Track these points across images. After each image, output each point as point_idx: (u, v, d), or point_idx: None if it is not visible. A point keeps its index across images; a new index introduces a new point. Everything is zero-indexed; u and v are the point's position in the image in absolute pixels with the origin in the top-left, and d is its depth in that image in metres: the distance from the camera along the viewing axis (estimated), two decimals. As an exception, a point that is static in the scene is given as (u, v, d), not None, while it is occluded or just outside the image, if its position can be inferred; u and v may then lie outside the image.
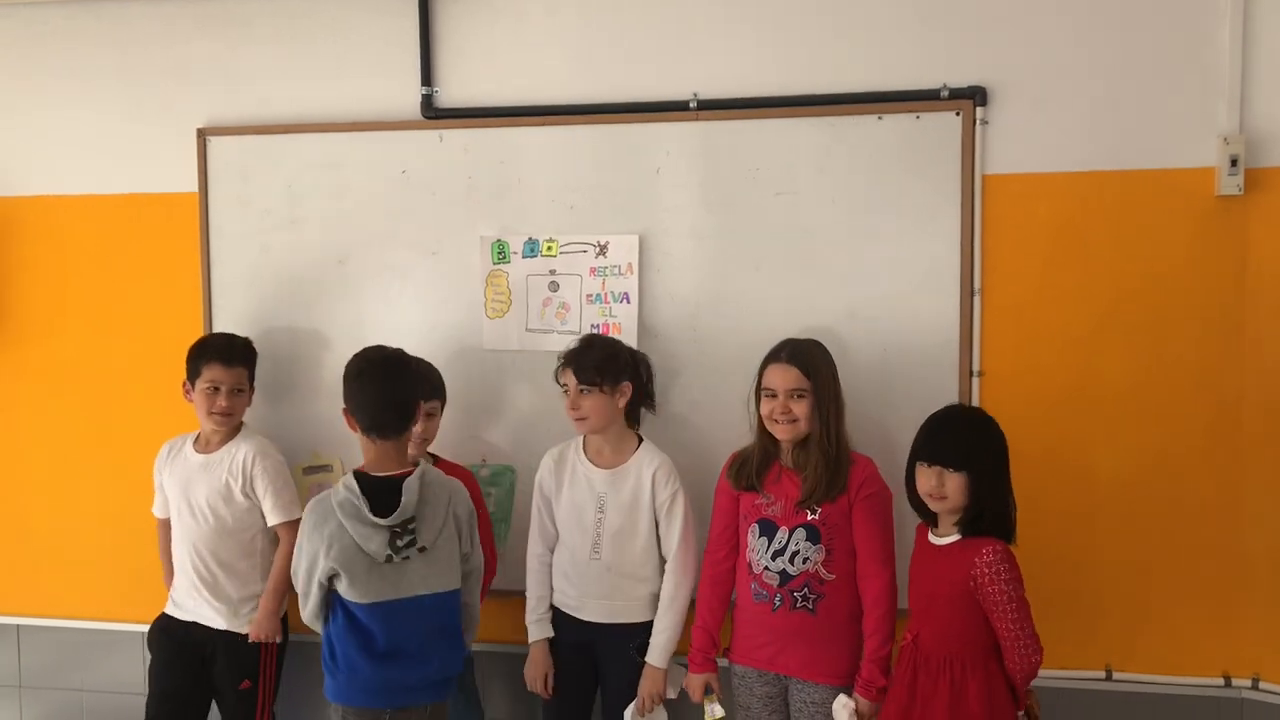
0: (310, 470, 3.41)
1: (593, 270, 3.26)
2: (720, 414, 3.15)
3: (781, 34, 3.18)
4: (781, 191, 3.16)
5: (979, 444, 2.57)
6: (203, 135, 3.47)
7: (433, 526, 2.63)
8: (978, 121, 3.06)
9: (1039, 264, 3.08)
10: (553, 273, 3.29)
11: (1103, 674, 3.11)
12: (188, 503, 3.19)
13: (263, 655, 3.21)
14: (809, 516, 2.76)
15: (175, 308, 3.52)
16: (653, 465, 2.98)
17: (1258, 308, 3.00)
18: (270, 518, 3.19)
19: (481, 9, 3.33)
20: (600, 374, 2.92)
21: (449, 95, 3.36)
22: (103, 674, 3.72)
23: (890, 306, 3.12)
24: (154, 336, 3.45)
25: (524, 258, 3.31)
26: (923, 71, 3.10)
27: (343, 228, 3.41)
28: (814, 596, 2.76)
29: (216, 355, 3.17)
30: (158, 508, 3.32)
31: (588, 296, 3.27)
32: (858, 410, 2.90)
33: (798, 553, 2.77)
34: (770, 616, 2.81)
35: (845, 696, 2.73)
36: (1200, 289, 3.01)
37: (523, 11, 3.32)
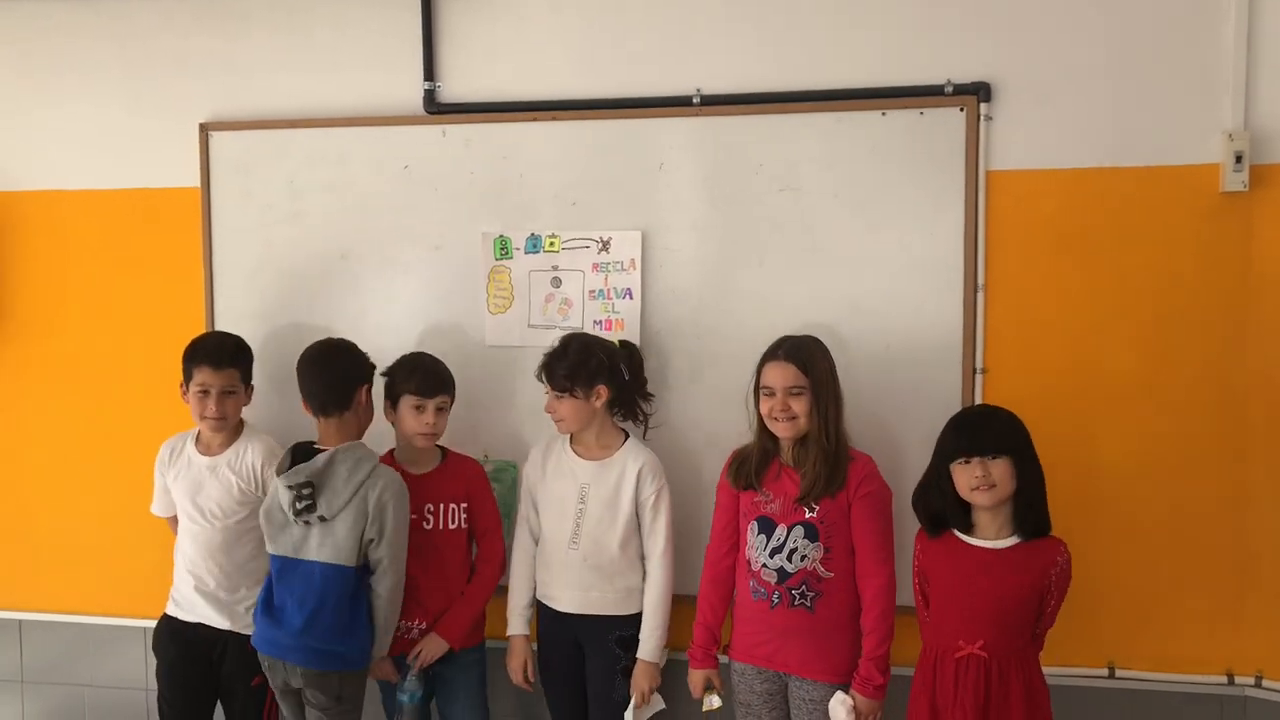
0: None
1: (595, 266, 3.26)
2: (723, 410, 3.14)
3: (784, 29, 3.17)
4: (784, 187, 3.15)
5: (1012, 430, 2.60)
6: (205, 130, 3.46)
7: (334, 500, 2.85)
8: (982, 117, 3.05)
9: (1043, 261, 3.07)
10: (555, 268, 3.29)
11: (1105, 671, 3.11)
12: (197, 507, 3.17)
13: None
14: (807, 514, 2.76)
15: (177, 303, 3.51)
16: (638, 462, 2.99)
17: (1262, 304, 2.99)
18: None
19: (484, 3, 3.33)
20: (571, 380, 2.94)
21: (451, 90, 3.35)
22: (105, 669, 3.72)
23: (893, 303, 3.11)
24: (156, 332, 3.45)
25: (526, 253, 3.30)
26: (926, 67, 3.09)
27: (345, 223, 3.40)
28: (812, 594, 2.76)
29: (205, 358, 3.13)
30: (158, 507, 3.30)
31: (590, 292, 3.26)
32: (859, 407, 2.90)
33: (795, 550, 2.76)
34: (769, 614, 2.81)
35: (843, 694, 2.73)
36: (1205, 286, 3.01)
37: (525, 6, 3.31)
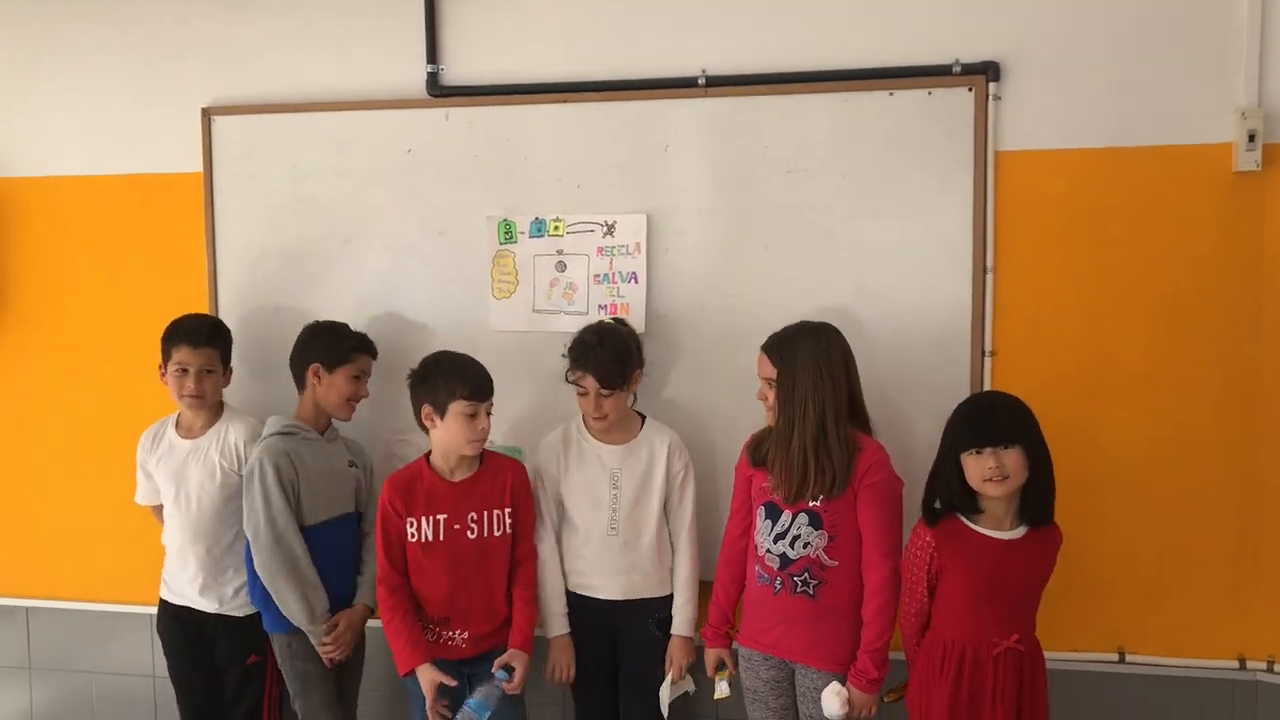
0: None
1: (600, 250, 3.23)
2: (728, 394, 3.13)
3: (791, 9, 3.13)
4: (791, 169, 3.12)
5: (1022, 418, 2.56)
6: (207, 115, 3.44)
7: None
8: (990, 97, 3.02)
9: (1052, 242, 3.03)
10: (560, 252, 3.26)
11: (1115, 656, 3.09)
12: (182, 490, 3.17)
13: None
14: (811, 502, 2.73)
15: (181, 288, 3.49)
16: (665, 439, 3.00)
17: (1275, 285, 2.95)
18: None
19: (486, -15, 3.31)
20: (623, 376, 2.91)
21: (454, 73, 3.32)
22: (110, 656, 3.72)
23: (901, 285, 3.08)
24: (159, 318, 3.39)
25: (531, 237, 3.27)
26: (935, 46, 3.05)
27: (348, 207, 3.38)
28: (814, 582, 2.73)
29: (184, 337, 3.14)
30: (141, 496, 3.30)
31: (595, 276, 3.24)
32: (867, 390, 2.84)
33: (799, 537, 2.73)
34: (772, 599, 2.79)
35: (838, 684, 2.70)
36: (1217, 267, 2.97)
37: (529, -13, 3.28)
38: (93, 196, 3.57)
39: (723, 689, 2.95)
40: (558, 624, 3.03)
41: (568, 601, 3.05)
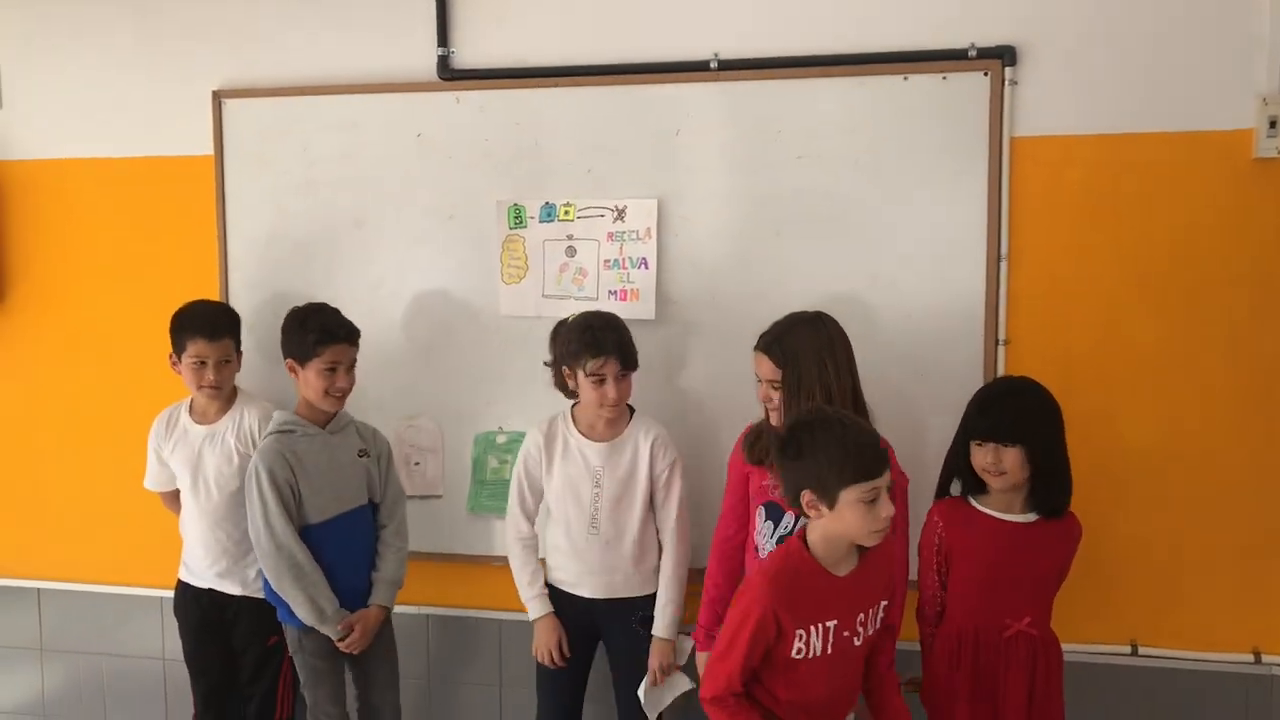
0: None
1: (610, 235, 3.20)
2: (739, 383, 3.06)
3: (805, -8, 3.10)
4: (803, 154, 3.09)
5: (1031, 416, 2.54)
6: (218, 98, 3.43)
7: None
8: (1006, 82, 2.97)
9: (1068, 229, 2.99)
10: (570, 237, 3.24)
11: (1128, 649, 3.05)
12: (200, 476, 3.17)
13: None
14: None
15: (192, 271, 3.49)
16: (650, 435, 2.93)
17: (1295, 274, 2.91)
18: None
19: (497, -32, 3.28)
20: (635, 352, 2.86)
21: (465, 56, 3.30)
22: (123, 638, 3.73)
23: (914, 272, 3.05)
24: (169, 301, 3.39)
25: (541, 222, 3.25)
26: (950, 30, 3.01)
27: (359, 191, 3.37)
28: None
29: (200, 330, 3.11)
30: (152, 481, 3.30)
31: (605, 262, 3.21)
32: (879, 378, 2.81)
33: None
34: None
35: None
36: (1236, 255, 2.92)
37: (539, -29, 3.26)
38: (102, 179, 3.57)
39: None
40: (538, 606, 2.97)
41: (550, 594, 2.99)
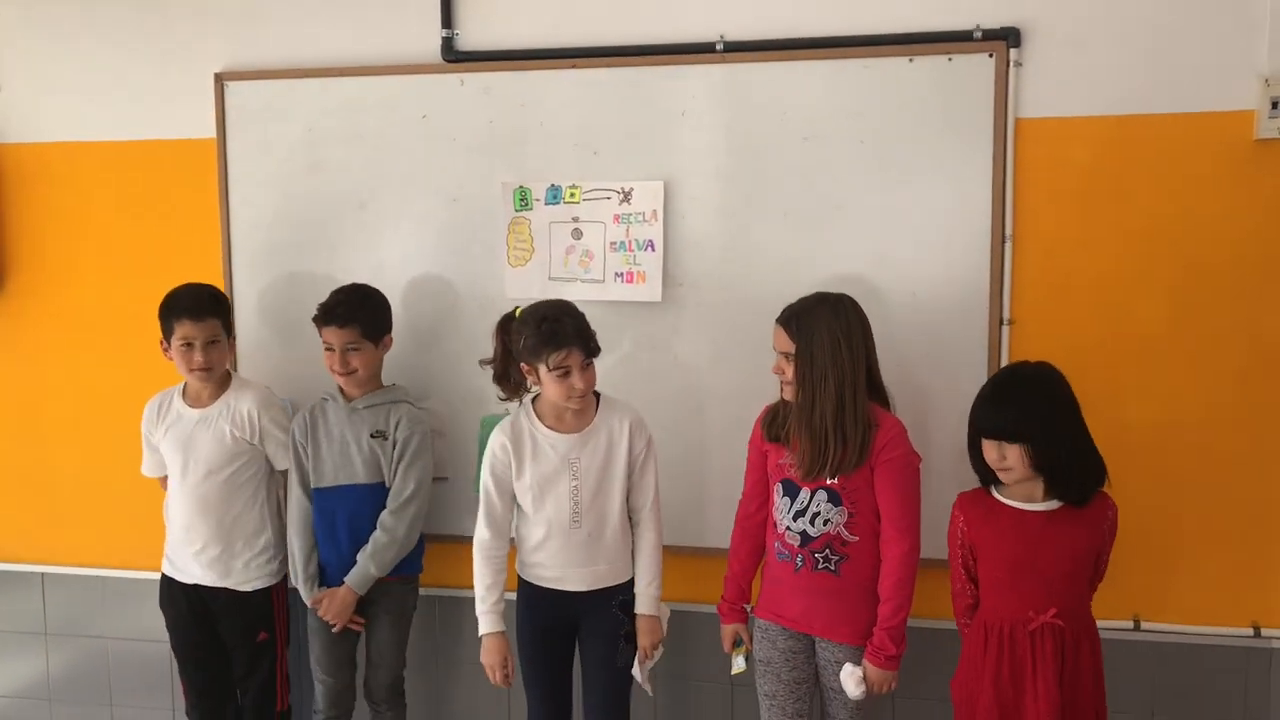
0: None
1: (616, 217, 3.21)
2: (746, 364, 3.12)
3: (810, -26, 3.10)
4: (809, 136, 3.10)
5: (1033, 411, 2.51)
6: (220, 80, 3.42)
7: None
8: (1011, 63, 2.99)
9: (1072, 210, 3.01)
10: (576, 220, 3.24)
11: (1131, 624, 3.09)
12: (190, 459, 3.17)
13: (275, 605, 3.26)
14: (827, 479, 2.71)
15: (195, 255, 3.48)
16: (625, 418, 2.87)
17: (1296, 253, 2.94)
18: (283, 464, 3.22)
19: (502, -51, 3.27)
20: (594, 337, 2.77)
21: (470, 38, 3.29)
22: (126, 621, 3.73)
23: (919, 254, 3.07)
24: (174, 284, 3.40)
25: (546, 204, 3.25)
26: (955, 12, 3.02)
27: (363, 173, 3.36)
28: (836, 558, 2.72)
29: (185, 311, 3.11)
30: (148, 467, 3.31)
31: (611, 244, 3.22)
32: (884, 359, 2.81)
33: (818, 514, 2.72)
34: (793, 576, 2.78)
35: (852, 665, 2.69)
36: (1237, 235, 2.95)
37: (544, -48, 3.24)
38: (104, 163, 3.55)
39: (739, 664, 2.93)
40: (490, 621, 2.88)
41: (530, 592, 2.94)
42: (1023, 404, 2.53)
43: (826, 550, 2.72)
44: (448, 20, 3.27)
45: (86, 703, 3.82)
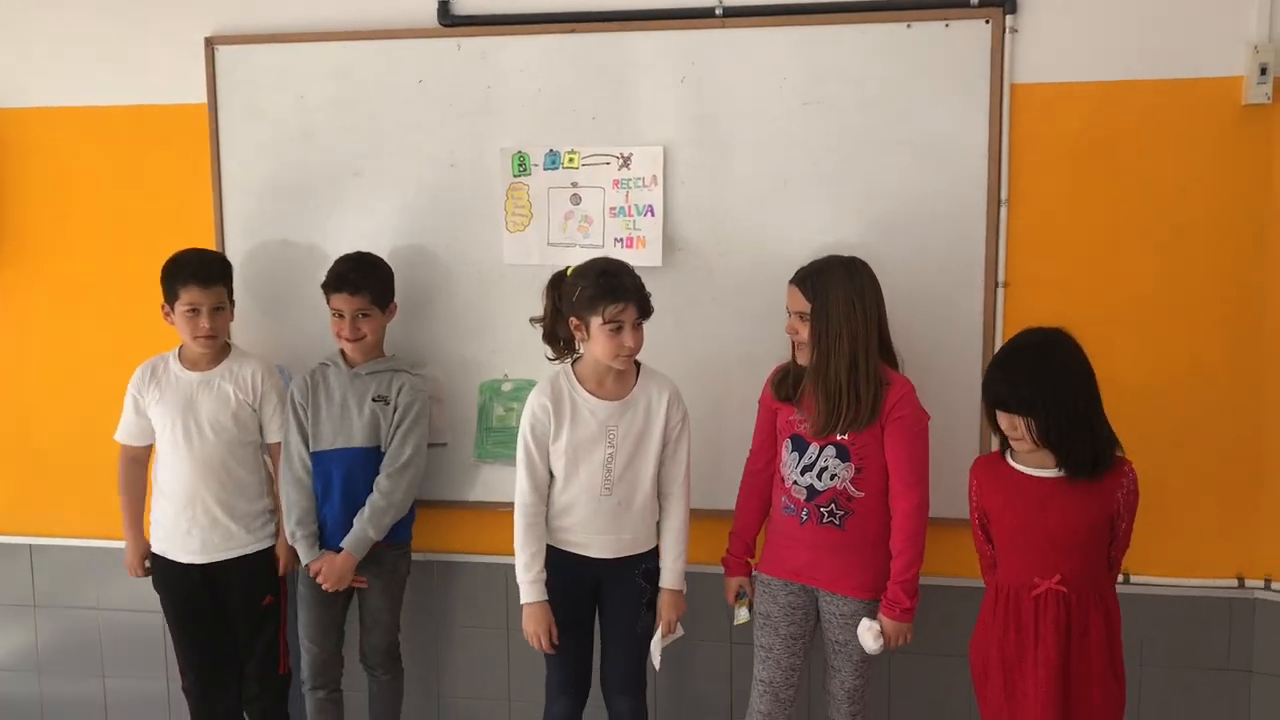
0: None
1: (616, 183, 3.22)
2: (746, 329, 3.16)
3: (809, -61, 3.11)
4: (808, 101, 3.13)
5: (1042, 384, 2.51)
6: (210, 44, 3.37)
7: None
8: (1007, 30, 3.03)
9: (1066, 174, 3.08)
10: (575, 185, 3.25)
11: (1121, 578, 3.15)
12: (189, 424, 3.15)
13: (276, 568, 3.28)
14: (839, 435, 2.76)
15: (185, 222, 3.44)
16: (664, 390, 2.88)
17: (1283, 215, 3.02)
18: (275, 436, 3.22)
19: (498, -90, 3.24)
20: (650, 299, 2.76)
21: (467, 2, 3.27)
22: (116, 592, 3.70)
23: (917, 217, 3.11)
24: (163, 252, 3.33)
25: (545, 170, 3.25)
26: (952, -22, 3.06)
27: (358, 139, 3.34)
28: (841, 513, 2.78)
29: (193, 277, 3.09)
30: (124, 433, 3.27)
31: (610, 210, 3.23)
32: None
33: (826, 469, 2.78)
34: (798, 530, 2.83)
35: (869, 620, 2.75)
36: (1227, 198, 3.03)
37: (542, -89, 3.22)
38: (93, 128, 3.49)
39: (743, 615, 2.99)
40: (533, 591, 2.85)
41: (553, 555, 2.90)
42: (1032, 377, 2.52)
43: (832, 505, 2.78)
44: (443, -16, 3.26)
45: (78, 674, 3.79)
